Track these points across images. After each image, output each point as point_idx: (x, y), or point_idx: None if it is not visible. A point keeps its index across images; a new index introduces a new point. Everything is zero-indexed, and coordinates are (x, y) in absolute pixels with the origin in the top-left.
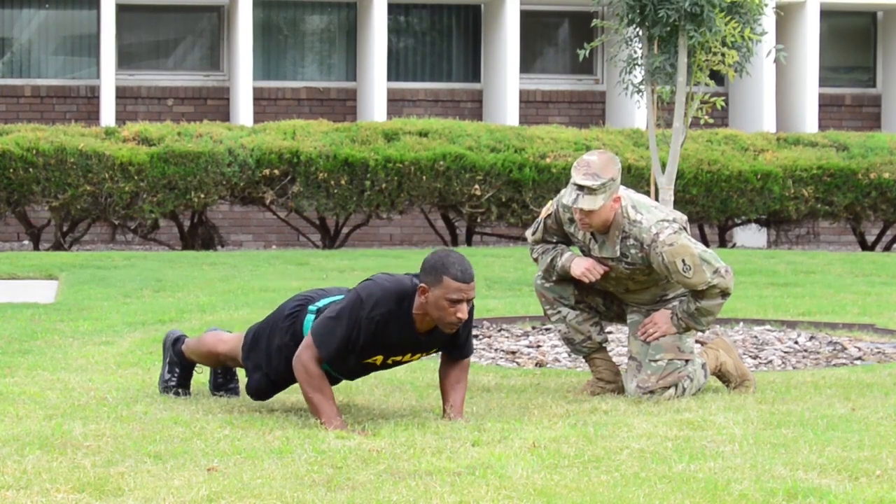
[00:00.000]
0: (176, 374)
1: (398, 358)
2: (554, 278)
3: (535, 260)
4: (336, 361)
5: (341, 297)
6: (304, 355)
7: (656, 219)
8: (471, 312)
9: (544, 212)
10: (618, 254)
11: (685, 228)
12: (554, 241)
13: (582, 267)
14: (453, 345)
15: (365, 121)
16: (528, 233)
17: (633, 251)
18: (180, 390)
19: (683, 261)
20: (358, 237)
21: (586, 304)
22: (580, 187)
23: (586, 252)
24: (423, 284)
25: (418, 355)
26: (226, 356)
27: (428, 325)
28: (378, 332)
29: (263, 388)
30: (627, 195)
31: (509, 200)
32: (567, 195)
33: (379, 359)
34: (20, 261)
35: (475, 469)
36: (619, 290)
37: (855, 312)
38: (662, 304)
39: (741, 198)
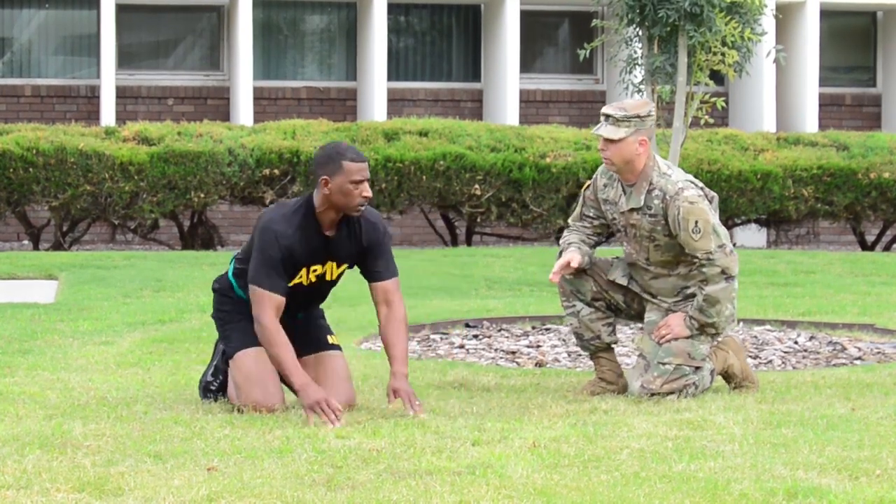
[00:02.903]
0: (219, 381)
1: (318, 269)
2: None
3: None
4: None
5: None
6: (257, 311)
7: (685, 178)
8: (386, 233)
9: (584, 186)
10: (642, 204)
11: (711, 202)
12: (591, 214)
13: (562, 259)
14: (373, 261)
15: (365, 120)
16: (570, 218)
17: (656, 202)
18: (220, 395)
19: (696, 222)
20: None
21: (604, 302)
22: (606, 116)
23: (615, 213)
24: (324, 177)
25: (332, 264)
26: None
27: (331, 221)
28: (294, 248)
29: (237, 338)
30: (661, 159)
31: (509, 200)
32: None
33: (303, 273)
34: (20, 261)
35: (475, 469)
36: (642, 260)
37: (855, 312)
38: (683, 300)
39: (741, 198)
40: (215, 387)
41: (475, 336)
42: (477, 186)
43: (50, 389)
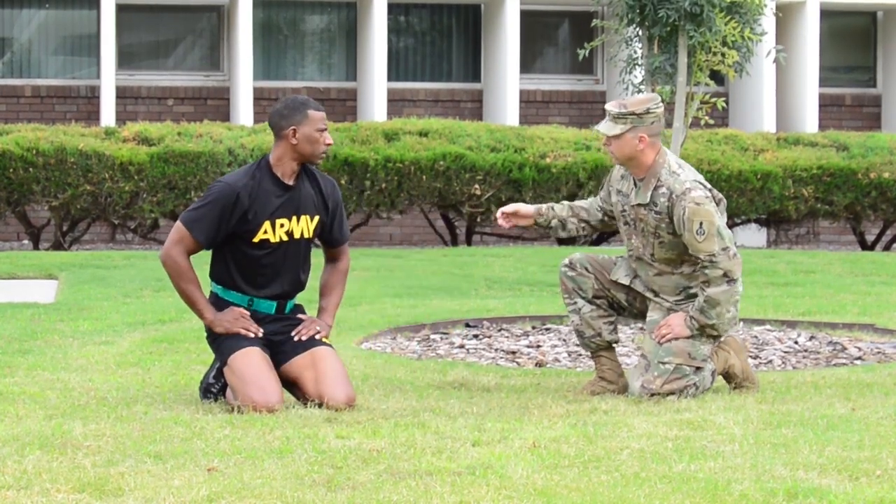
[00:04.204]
0: (221, 383)
1: (284, 223)
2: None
3: None
4: (227, 254)
5: None
6: (168, 244)
7: (695, 178)
8: (342, 205)
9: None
10: (648, 200)
11: (718, 204)
12: (601, 197)
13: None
14: (338, 226)
15: (365, 121)
16: None
17: (662, 199)
18: (220, 396)
19: (701, 223)
20: (358, 237)
21: (606, 300)
22: (606, 112)
23: (626, 205)
24: (292, 127)
25: (306, 217)
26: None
27: (292, 171)
28: (243, 194)
29: (226, 344)
30: (675, 158)
31: (509, 200)
32: None
33: (267, 227)
34: (20, 261)
35: (475, 469)
36: (647, 255)
37: (855, 312)
38: (685, 299)
39: (741, 197)
40: (216, 389)
41: (475, 336)
42: (477, 186)
43: (50, 389)
